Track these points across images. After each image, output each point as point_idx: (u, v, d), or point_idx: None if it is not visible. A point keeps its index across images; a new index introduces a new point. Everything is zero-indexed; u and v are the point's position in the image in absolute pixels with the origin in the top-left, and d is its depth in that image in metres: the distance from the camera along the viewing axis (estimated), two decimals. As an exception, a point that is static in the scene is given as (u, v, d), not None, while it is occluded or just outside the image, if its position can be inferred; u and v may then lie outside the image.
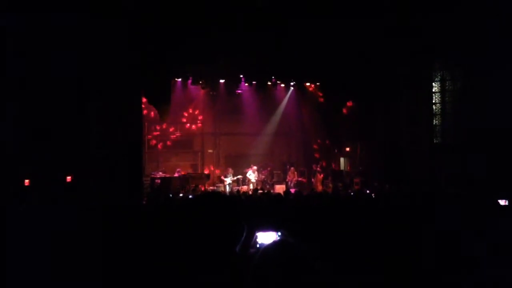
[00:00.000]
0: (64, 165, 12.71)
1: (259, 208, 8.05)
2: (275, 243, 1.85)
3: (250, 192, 16.14)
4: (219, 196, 1.94)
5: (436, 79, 17.36)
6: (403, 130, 17.28)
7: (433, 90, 17.36)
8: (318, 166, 18.77)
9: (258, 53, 15.63)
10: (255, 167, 18.97)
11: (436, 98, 17.36)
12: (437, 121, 17.37)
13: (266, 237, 4.32)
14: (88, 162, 13.25)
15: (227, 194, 16.31)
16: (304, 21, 14.54)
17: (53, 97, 12.78)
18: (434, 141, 17.40)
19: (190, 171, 19.36)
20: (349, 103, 19.11)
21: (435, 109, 17.35)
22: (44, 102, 12.65)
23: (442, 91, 17.27)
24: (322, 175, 18.64)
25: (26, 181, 11.94)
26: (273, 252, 1.75)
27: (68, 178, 12.73)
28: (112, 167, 13.58)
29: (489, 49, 14.58)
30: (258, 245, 4.07)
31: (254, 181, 18.56)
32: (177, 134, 20.07)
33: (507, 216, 6.09)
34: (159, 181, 16.75)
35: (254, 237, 4.11)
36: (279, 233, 4.36)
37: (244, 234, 1.84)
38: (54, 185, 11.98)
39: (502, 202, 7.74)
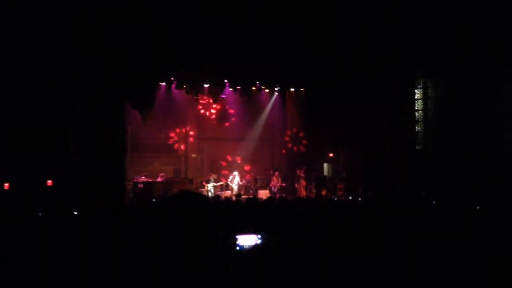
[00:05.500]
0: (45, 168, 12.56)
1: (241, 212, 8.05)
2: (255, 248, 1.85)
3: (233, 198, 16.10)
4: (191, 196, 1.93)
5: (419, 86, 17.58)
6: (387, 136, 17.42)
7: (416, 97, 17.57)
8: (302, 171, 18.78)
9: (243, 58, 15.65)
10: (236, 172, 18.93)
11: (418, 105, 17.57)
12: (419, 128, 17.57)
13: (246, 240, 4.30)
14: (69, 166, 13.11)
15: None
16: (289, 26, 14.60)
17: (35, 100, 12.65)
18: (416, 147, 17.59)
19: (172, 175, 19.27)
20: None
21: (417, 116, 17.55)
22: (26, 104, 12.51)
23: (424, 98, 17.49)
24: (305, 181, 18.66)
25: (6, 184, 11.77)
26: (254, 257, 1.75)
27: (49, 182, 12.57)
28: (94, 171, 13.46)
29: (470, 57, 14.84)
30: (237, 248, 4.06)
31: (237, 186, 18.51)
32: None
33: (484, 222, 6.20)
34: (141, 185, 16.61)
35: (232, 239, 4.09)
36: (259, 236, 4.35)
37: (219, 235, 1.83)
38: (35, 189, 11.83)
39: (480, 208, 7.87)
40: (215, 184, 18.23)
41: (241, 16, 14.00)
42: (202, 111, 20.30)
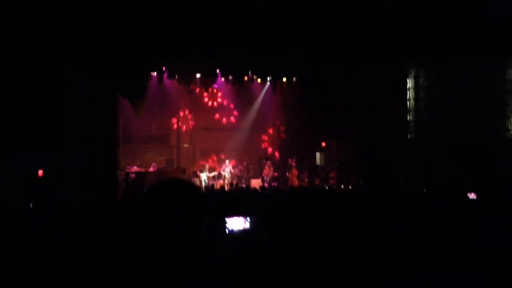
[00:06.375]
0: (37, 158, 12.49)
1: (234, 200, 8.07)
2: (244, 233, 1.86)
3: (227, 187, 16.15)
4: (178, 182, 1.93)
5: (410, 75, 17.60)
6: (379, 125, 17.46)
7: (408, 87, 17.60)
8: (293, 160, 18.85)
9: (234, 47, 15.58)
10: (227, 161, 18.96)
11: (410, 95, 17.61)
12: (411, 117, 17.63)
13: (235, 223, 4.34)
14: (62, 158, 13.05)
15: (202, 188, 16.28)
16: (281, 15, 14.55)
17: (27, 90, 12.55)
18: (408, 136, 17.65)
19: (165, 166, 19.25)
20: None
21: (409, 105, 17.60)
22: (18, 95, 12.41)
23: (416, 87, 17.53)
24: (297, 170, 18.69)
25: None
26: (243, 243, 1.76)
27: (40, 172, 12.51)
28: (86, 162, 13.42)
29: (461, 46, 14.89)
30: (227, 231, 4.10)
31: (229, 175, 18.54)
32: None
33: (475, 209, 6.26)
34: (133, 176, 16.57)
35: (222, 222, 4.12)
36: (248, 219, 4.39)
37: (208, 220, 1.84)
38: (26, 179, 11.77)
39: (471, 196, 7.94)
40: (208, 174, 18.24)
41: (233, 5, 13.92)
42: (209, 103, 20.39)
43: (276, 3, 13.98)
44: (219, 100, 20.78)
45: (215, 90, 20.38)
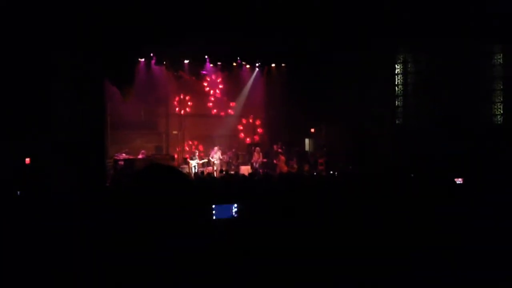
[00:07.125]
0: (23, 146, 12.37)
1: (222, 188, 8.08)
2: (232, 220, 1.86)
3: (216, 174, 16.13)
4: (162, 168, 1.93)
5: (399, 61, 17.65)
6: (367, 111, 17.53)
7: (396, 72, 17.66)
8: (279, 147, 18.86)
9: (223, 33, 15.47)
10: (216, 148, 18.96)
11: (398, 80, 17.67)
12: (399, 103, 17.72)
13: (222, 211, 4.38)
14: (49, 144, 12.94)
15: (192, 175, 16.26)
16: (270, 2, 14.46)
17: (13, 76, 12.39)
18: (396, 122, 17.76)
19: (154, 152, 19.19)
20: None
21: (398, 90, 17.67)
22: (3, 81, 12.26)
23: (404, 73, 17.60)
24: (284, 156, 18.67)
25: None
26: (230, 229, 1.76)
27: (27, 160, 12.40)
28: (74, 149, 13.31)
29: (451, 32, 14.93)
30: (214, 218, 4.13)
31: (218, 162, 18.53)
32: None
33: (462, 194, 6.33)
34: (122, 163, 16.49)
35: (210, 209, 4.14)
36: (235, 206, 4.40)
37: (194, 205, 1.84)
38: (13, 167, 11.66)
39: (459, 180, 8.03)
40: (198, 161, 18.21)
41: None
42: (199, 89, 20.36)
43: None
44: (209, 86, 20.70)
45: (208, 77, 20.31)
